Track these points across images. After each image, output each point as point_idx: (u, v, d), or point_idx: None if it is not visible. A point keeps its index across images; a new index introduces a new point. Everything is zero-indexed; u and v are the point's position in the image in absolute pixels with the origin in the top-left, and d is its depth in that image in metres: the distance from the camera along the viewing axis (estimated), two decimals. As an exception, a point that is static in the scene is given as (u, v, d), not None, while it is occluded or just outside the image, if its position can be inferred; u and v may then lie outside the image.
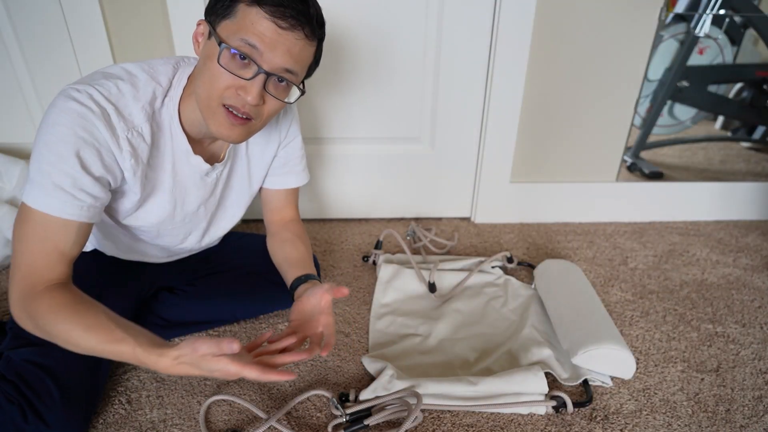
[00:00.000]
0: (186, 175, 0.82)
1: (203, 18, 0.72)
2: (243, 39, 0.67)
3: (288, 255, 0.93)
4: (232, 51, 0.67)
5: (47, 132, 0.66)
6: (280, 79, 0.71)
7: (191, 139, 0.80)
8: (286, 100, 0.74)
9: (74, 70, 1.27)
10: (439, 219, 1.58)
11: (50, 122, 0.66)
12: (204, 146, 0.83)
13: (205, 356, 0.62)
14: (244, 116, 0.72)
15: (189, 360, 0.63)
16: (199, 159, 0.81)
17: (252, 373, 0.63)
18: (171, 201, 0.83)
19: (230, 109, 0.71)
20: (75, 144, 0.66)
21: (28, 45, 1.24)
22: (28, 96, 1.31)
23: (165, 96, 0.75)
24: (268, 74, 0.69)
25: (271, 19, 0.66)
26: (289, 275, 0.90)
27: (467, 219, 1.58)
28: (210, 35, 0.70)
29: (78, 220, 0.69)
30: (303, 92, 0.75)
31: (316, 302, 0.79)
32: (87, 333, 0.66)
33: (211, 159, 0.85)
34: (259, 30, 0.67)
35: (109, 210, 0.80)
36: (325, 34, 0.75)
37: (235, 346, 0.60)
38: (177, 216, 0.86)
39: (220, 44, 0.68)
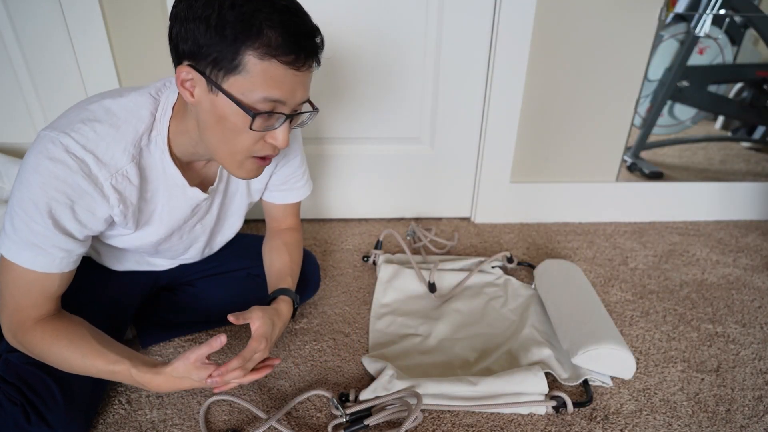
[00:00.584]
0: (181, 206, 0.79)
1: (187, 63, 0.63)
2: (266, 97, 0.63)
3: (271, 264, 0.95)
4: (264, 114, 0.64)
5: (21, 189, 0.65)
6: (298, 113, 0.69)
7: (182, 164, 0.76)
8: (300, 124, 0.73)
9: (74, 70, 1.27)
10: (439, 219, 1.58)
11: (24, 181, 0.64)
12: (197, 170, 0.80)
13: (196, 363, 0.68)
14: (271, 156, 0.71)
15: (183, 370, 0.69)
16: (196, 191, 0.78)
17: (236, 374, 0.71)
18: (167, 227, 0.81)
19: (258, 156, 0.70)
20: (47, 204, 0.64)
21: (28, 45, 1.24)
22: (28, 96, 1.31)
23: (150, 132, 0.71)
24: (292, 115, 0.68)
25: (289, 68, 0.62)
26: (269, 284, 0.92)
27: (467, 219, 1.58)
28: (212, 89, 0.63)
29: (53, 272, 0.69)
30: (317, 110, 0.72)
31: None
32: (84, 359, 0.71)
33: (205, 180, 0.82)
34: (280, 82, 0.62)
35: (105, 237, 0.80)
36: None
37: (223, 338, 0.67)
38: (174, 237, 0.85)
39: (249, 112, 0.63)
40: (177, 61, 0.64)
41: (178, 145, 0.73)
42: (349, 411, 0.84)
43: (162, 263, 0.98)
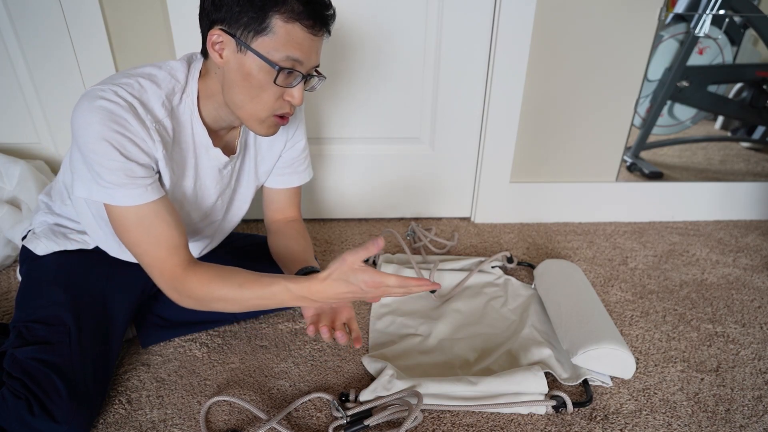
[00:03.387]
0: (206, 169, 0.85)
1: (218, 27, 0.72)
2: (288, 56, 0.72)
3: (290, 250, 0.95)
4: (287, 71, 0.73)
5: (82, 134, 0.69)
6: (311, 76, 0.78)
7: (209, 130, 0.83)
8: (311, 88, 0.81)
9: (74, 70, 1.27)
10: (439, 219, 1.58)
11: (82, 123, 0.69)
12: (221, 137, 0.86)
13: (353, 266, 0.69)
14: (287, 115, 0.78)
15: (339, 274, 0.70)
16: (218, 152, 0.84)
17: (392, 280, 0.69)
18: (193, 192, 0.85)
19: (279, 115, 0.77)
20: (112, 138, 0.69)
21: (28, 45, 1.24)
22: (28, 96, 1.31)
23: (183, 92, 0.78)
24: (307, 76, 0.76)
25: (308, 32, 0.72)
26: (292, 268, 0.92)
27: (467, 219, 1.58)
28: (241, 49, 0.72)
29: (150, 199, 0.73)
30: (324, 76, 0.81)
31: None
32: (242, 289, 0.75)
33: (226, 149, 0.88)
34: (299, 43, 0.72)
35: None
36: None
37: (380, 242, 0.67)
38: (196, 207, 0.88)
39: (274, 66, 0.72)
40: (208, 27, 0.73)
41: (203, 107, 0.80)
42: (350, 412, 0.84)
43: None
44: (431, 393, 0.88)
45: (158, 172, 0.77)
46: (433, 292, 0.92)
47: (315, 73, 0.78)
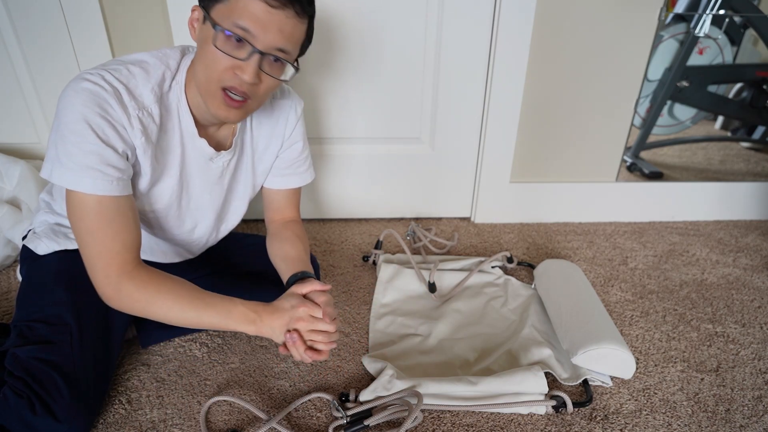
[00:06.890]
0: (192, 158, 0.84)
1: (197, 4, 0.75)
2: (235, 23, 0.69)
3: (286, 253, 0.95)
4: (227, 33, 0.70)
5: (64, 113, 0.69)
6: (275, 59, 0.73)
7: (198, 125, 0.82)
8: (281, 78, 0.76)
9: (74, 71, 1.27)
10: (439, 219, 1.58)
11: (65, 104, 0.69)
12: (210, 133, 0.86)
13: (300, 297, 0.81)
14: (242, 97, 0.74)
15: (287, 301, 0.81)
16: (203, 142, 0.83)
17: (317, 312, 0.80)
18: (178, 183, 0.85)
19: (228, 92, 0.74)
20: (93, 120, 0.69)
21: (28, 45, 1.24)
22: (28, 96, 1.31)
23: (173, 79, 0.78)
24: (263, 54, 0.71)
25: (264, 3, 0.68)
26: (286, 272, 0.91)
27: (467, 219, 1.58)
28: (205, 20, 0.72)
29: (116, 194, 0.72)
30: (297, 70, 0.77)
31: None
32: (193, 290, 0.78)
33: (218, 147, 0.87)
34: (251, 12, 0.69)
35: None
36: (315, 11, 0.77)
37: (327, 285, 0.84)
38: (183, 201, 0.87)
39: (215, 27, 0.70)
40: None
41: (190, 94, 0.79)
42: (350, 412, 0.84)
43: (167, 251, 0.98)
44: (431, 393, 0.88)
45: (133, 165, 0.77)
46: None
47: (279, 55, 0.73)
